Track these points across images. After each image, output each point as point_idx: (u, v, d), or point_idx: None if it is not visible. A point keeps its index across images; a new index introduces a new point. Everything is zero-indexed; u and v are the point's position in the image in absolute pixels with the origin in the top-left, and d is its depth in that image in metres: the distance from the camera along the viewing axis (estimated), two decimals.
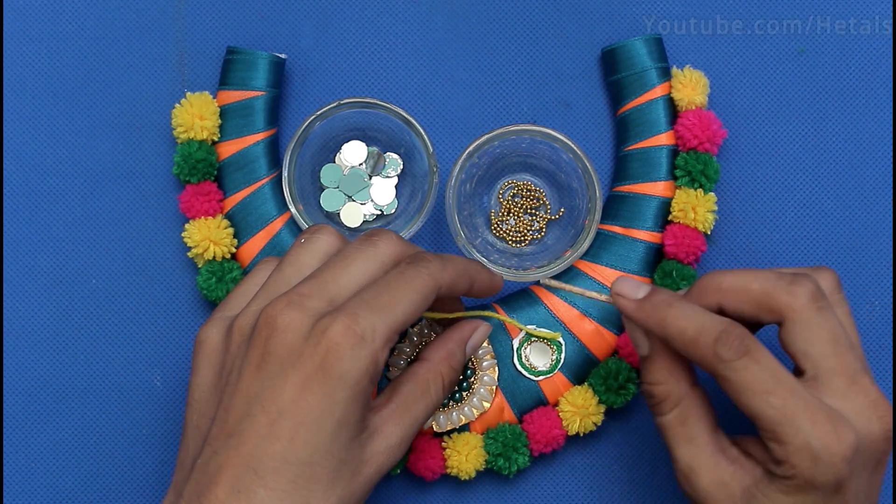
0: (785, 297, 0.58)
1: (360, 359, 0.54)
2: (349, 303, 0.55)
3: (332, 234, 0.61)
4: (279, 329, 0.55)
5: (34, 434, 0.71)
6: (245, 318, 0.57)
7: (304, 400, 0.54)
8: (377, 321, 0.55)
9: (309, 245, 0.60)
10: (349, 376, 0.54)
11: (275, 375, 0.54)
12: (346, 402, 0.54)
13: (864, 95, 0.73)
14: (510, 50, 0.73)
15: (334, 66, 0.73)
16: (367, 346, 0.54)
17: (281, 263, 0.60)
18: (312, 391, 0.54)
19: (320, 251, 0.60)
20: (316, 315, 0.55)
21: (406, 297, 0.56)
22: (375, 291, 0.56)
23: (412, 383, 0.60)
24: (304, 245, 0.60)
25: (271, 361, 0.54)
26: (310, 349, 0.54)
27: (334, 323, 0.54)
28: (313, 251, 0.60)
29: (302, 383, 0.54)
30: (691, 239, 0.69)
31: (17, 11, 0.73)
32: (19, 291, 0.72)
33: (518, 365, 0.69)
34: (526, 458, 0.69)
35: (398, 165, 0.72)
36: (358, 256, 0.58)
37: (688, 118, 0.69)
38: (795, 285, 0.58)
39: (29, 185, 0.72)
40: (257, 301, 0.58)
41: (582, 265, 0.70)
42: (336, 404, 0.54)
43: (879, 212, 0.73)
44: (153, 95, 0.72)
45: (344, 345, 0.54)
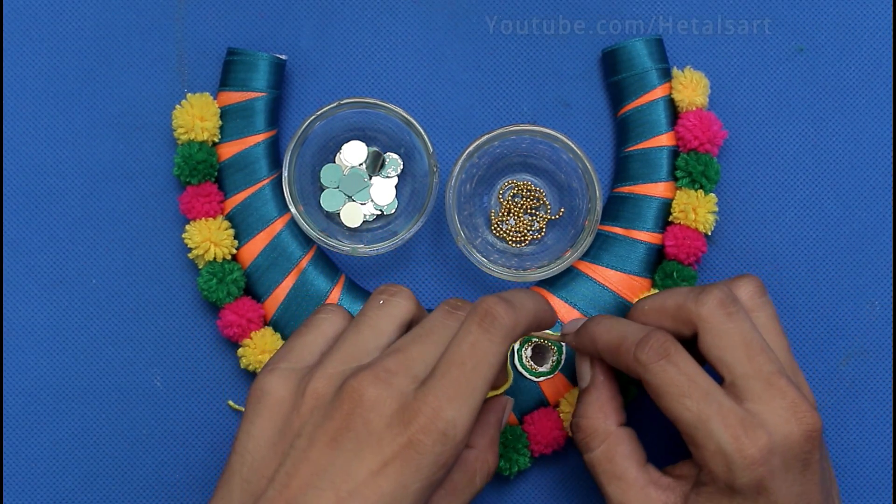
0: (693, 307, 0.60)
1: (441, 455, 0.54)
2: (434, 391, 0.54)
3: (411, 300, 0.60)
4: (365, 406, 0.54)
5: (34, 434, 0.71)
6: (323, 381, 0.56)
7: (377, 484, 0.53)
8: (459, 415, 0.54)
9: (388, 309, 0.59)
10: (427, 469, 0.53)
11: (350, 453, 0.53)
12: (419, 492, 0.54)
13: (864, 95, 0.73)
14: (510, 50, 0.73)
15: (334, 66, 0.73)
16: (448, 442, 0.54)
17: (358, 323, 0.59)
18: (388, 477, 0.53)
19: (399, 317, 0.59)
20: (401, 396, 0.54)
21: (484, 376, 0.55)
22: (455, 377, 0.55)
23: (461, 472, 0.59)
24: (382, 308, 0.59)
25: (349, 438, 0.54)
26: (391, 436, 0.53)
27: (418, 416, 0.53)
28: (392, 316, 0.59)
29: (378, 468, 0.53)
30: (692, 240, 0.69)
31: (17, 11, 0.73)
32: (19, 291, 0.72)
33: (519, 366, 0.69)
34: (527, 458, 0.69)
35: (398, 165, 0.71)
36: (438, 330, 0.57)
37: (688, 119, 0.69)
38: (703, 295, 0.60)
39: (29, 185, 0.72)
40: (333, 363, 0.57)
41: (582, 266, 0.70)
42: (408, 494, 0.53)
43: (879, 212, 0.73)
44: (153, 96, 0.72)
45: (426, 441, 0.53)
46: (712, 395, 0.58)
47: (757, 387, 0.58)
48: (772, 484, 0.57)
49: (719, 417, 0.57)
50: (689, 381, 0.58)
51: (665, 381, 0.58)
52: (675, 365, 0.58)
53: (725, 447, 0.57)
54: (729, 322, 0.59)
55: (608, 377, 0.64)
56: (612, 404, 0.63)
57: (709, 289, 0.60)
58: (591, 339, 0.63)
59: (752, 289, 0.62)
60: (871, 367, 0.72)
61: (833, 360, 0.72)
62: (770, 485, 0.57)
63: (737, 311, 0.60)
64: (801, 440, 0.57)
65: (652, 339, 0.59)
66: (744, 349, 0.59)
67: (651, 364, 0.59)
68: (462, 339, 0.56)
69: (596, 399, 0.63)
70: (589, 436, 0.62)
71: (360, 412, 0.54)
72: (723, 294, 0.60)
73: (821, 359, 0.72)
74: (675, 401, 0.58)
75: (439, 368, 0.55)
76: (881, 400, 0.72)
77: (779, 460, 0.57)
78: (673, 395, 0.58)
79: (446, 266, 0.72)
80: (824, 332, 0.72)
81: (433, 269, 0.72)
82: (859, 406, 0.72)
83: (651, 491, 0.60)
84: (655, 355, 0.59)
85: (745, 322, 0.59)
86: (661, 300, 0.62)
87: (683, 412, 0.58)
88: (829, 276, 0.72)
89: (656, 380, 0.59)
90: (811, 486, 0.58)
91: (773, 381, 0.58)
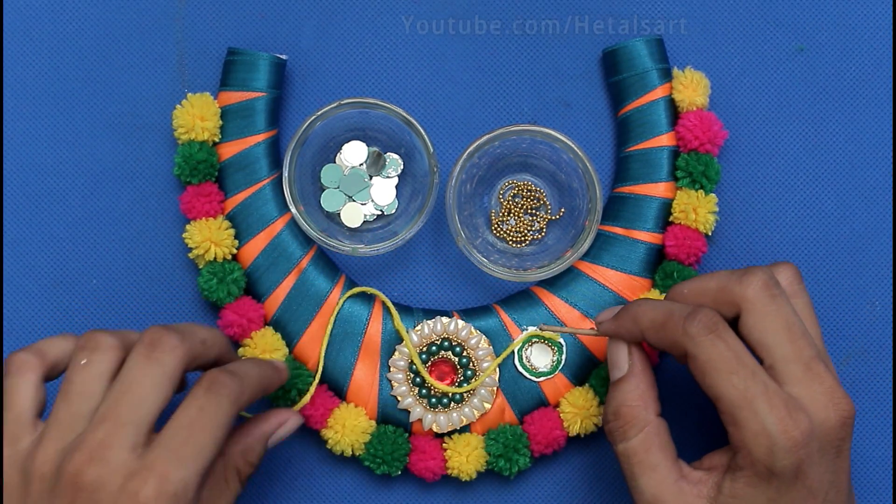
0: (738, 288, 0.60)
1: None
2: (160, 456, 0.54)
3: (110, 350, 0.59)
4: (87, 489, 0.53)
5: None
6: (44, 461, 0.55)
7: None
8: (187, 475, 0.54)
9: (90, 368, 0.58)
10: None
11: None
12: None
13: (864, 95, 0.73)
14: (510, 50, 0.73)
15: (334, 66, 0.73)
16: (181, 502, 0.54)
17: (65, 392, 0.58)
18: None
19: (105, 372, 0.58)
20: (123, 467, 0.54)
21: (211, 436, 0.56)
22: (180, 438, 0.55)
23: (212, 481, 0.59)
24: (85, 368, 0.58)
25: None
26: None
27: (145, 486, 0.53)
28: (97, 375, 0.58)
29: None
30: (692, 240, 0.69)
31: (17, 11, 0.73)
32: (19, 291, 0.72)
33: (519, 366, 0.69)
34: (527, 459, 0.69)
35: (398, 165, 0.71)
36: (145, 381, 0.56)
37: (689, 119, 0.69)
38: (747, 276, 0.60)
39: (29, 185, 0.72)
40: (51, 439, 0.56)
41: (582, 266, 0.70)
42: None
43: (879, 212, 0.73)
44: (154, 96, 0.72)
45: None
46: (758, 374, 0.57)
47: (797, 371, 0.58)
48: (809, 468, 0.57)
49: (765, 398, 0.57)
50: (736, 358, 0.58)
51: (714, 355, 0.58)
52: (724, 340, 0.58)
53: (770, 428, 0.56)
54: (772, 304, 0.59)
55: (647, 365, 0.63)
56: (652, 393, 0.62)
57: (753, 270, 0.60)
58: (633, 320, 0.62)
59: (791, 275, 0.62)
60: (871, 367, 0.72)
61: (833, 360, 0.72)
62: (807, 469, 0.57)
63: (779, 294, 0.59)
64: (837, 426, 0.57)
65: (700, 313, 0.59)
66: (786, 332, 0.58)
67: (700, 337, 0.58)
68: (189, 404, 0.56)
69: (636, 387, 0.62)
70: (629, 423, 0.61)
71: (84, 497, 0.53)
72: (766, 276, 0.60)
73: None
74: (722, 377, 0.57)
75: (166, 432, 0.55)
76: (881, 400, 0.72)
77: (816, 445, 0.57)
78: (720, 370, 0.58)
79: (446, 266, 0.72)
80: (824, 332, 0.72)
81: (433, 270, 0.72)
82: (859, 406, 0.72)
83: (683, 485, 0.60)
84: (705, 329, 0.58)
85: (787, 306, 0.59)
86: (702, 282, 0.62)
87: (730, 389, 0.57)
88: (829, 276, 0.72)
89: (705, 354, 0.58)
90: (842, 473, 0.58)
91: (812, 365, 0.58)
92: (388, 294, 0.72)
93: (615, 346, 0.63)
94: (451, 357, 0.69)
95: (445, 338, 0.69)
